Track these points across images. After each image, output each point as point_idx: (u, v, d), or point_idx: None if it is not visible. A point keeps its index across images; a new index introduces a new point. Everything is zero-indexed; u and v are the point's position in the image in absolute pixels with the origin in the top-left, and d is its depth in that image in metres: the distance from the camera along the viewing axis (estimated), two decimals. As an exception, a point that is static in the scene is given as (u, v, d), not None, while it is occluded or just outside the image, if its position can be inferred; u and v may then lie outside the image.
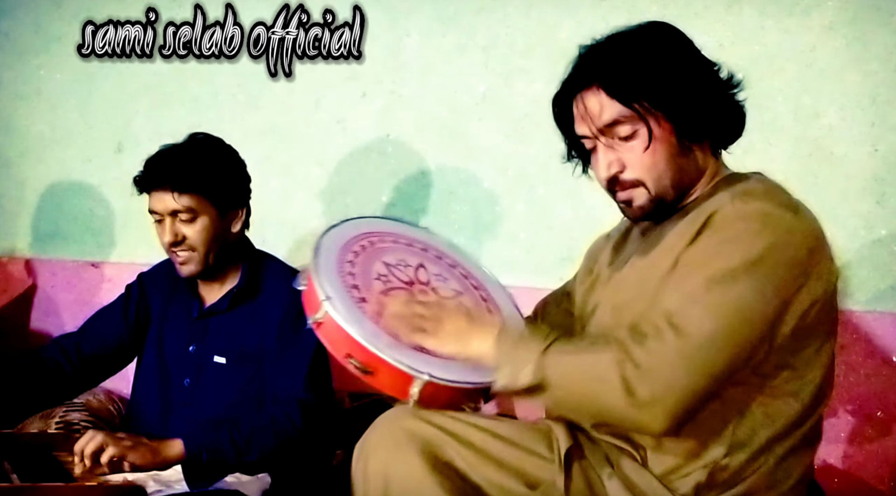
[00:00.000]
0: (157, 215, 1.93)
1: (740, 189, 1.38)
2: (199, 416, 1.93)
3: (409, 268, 1.58)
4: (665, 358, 1.26)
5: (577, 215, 2.35)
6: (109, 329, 2.07)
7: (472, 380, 1.43)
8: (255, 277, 2.00)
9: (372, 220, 1.71)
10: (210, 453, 1.78)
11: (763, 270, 1.29)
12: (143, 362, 2.08)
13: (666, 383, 1.25)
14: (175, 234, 1.92)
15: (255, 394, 1.94)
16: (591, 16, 2.28)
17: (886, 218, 2.13)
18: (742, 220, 1.32)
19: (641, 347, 1.27)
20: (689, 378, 1.26)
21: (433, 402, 1.40)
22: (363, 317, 1.43)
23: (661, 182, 1.40)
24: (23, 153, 2.98)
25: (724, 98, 1.42)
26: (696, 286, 1.29)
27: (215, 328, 2.00)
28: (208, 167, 1.93)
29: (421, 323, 1.43)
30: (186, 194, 1.89)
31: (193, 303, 2.02)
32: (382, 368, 1.39)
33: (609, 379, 1.27)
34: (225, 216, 1.96)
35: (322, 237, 1.55)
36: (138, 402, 2.08)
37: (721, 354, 1.28)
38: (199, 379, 1.98)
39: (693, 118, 1.38)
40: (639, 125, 1.37)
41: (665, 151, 1.39)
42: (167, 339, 2.04)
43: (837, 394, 2.12)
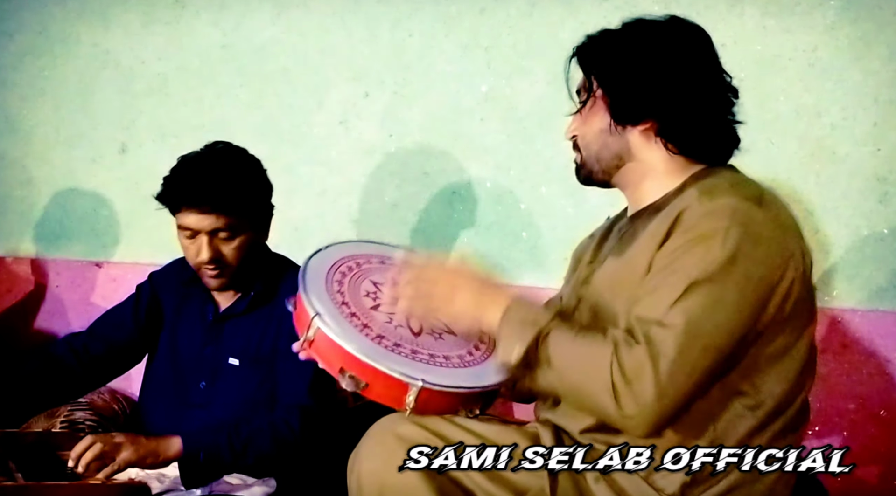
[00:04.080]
0: (190, 231, 1.88)
1: (706, 185, 1.40)
2: (213, 418, 1.92)
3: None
4: (648, 369, 1.27)
5: (580, 215, 2.35)
6: (118, 329, 2.06)
7: (467, 385, 1.43)
8: (273, 282, 1.99)
9: (357, 244, 1.73)
10: (207, 454, 1.78)
11: (738, 268, 1.30)
12: (154, 363, 2.08)
13: (649, 395, 1.27)
14: (213, 252, 1.87)
15: (267, 396, 1.94)
16: (593, 16, 2.28)
17: (889, 217, 2.13)
18: (708, 217, 1.33)
19: (629, 354, 1.28)
20: (673, 386, 1.27)
21: (429, 409, 1.41)
22: (354, 331, 1.44)
23: (588, 150, 1.51)
24: (28, 154, 2.99)
25: (680, 96, 1.42)
26: (674, 290, 1.30)
27: (231, 331, 1.99)
28: (247, 186, 1.90)
29: (430, 301, 1.45)
30: (228, 215, 1.86)
31: (208, 307, 2.01)
32: (377, 379, 1.40)
33: (600, 379, 1.29)
34: (259, 231, 1.96)
35: (309, 260, 1.56)
36: (148, 402, 2.08)
37: (703, 359, 1.29)
38: (215, 381, 1.98)
39: (623, 100, 1.44)
40: (587, 94, 1.48)
41: (596, 123, 1.48)
42: (181, 341, 2.04)
43: (840, 393, 2.13)
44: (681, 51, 1.44)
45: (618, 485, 1.37)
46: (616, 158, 1.48)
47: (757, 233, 1.32)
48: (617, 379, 1.28)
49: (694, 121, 1.44)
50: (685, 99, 1.43)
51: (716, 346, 1.30)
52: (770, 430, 1.38)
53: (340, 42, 2.63)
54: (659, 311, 1.30)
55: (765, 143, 2.17)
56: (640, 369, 1.27)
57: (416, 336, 1.49)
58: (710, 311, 1.29)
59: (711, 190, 1.38)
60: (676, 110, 1.43)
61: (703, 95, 1.44)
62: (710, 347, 1.29)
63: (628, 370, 1.28)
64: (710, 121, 1.45)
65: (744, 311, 1.31)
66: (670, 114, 1.44)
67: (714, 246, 1.30)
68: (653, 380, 1.27)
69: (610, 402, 1.28)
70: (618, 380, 1.28)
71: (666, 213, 1.39)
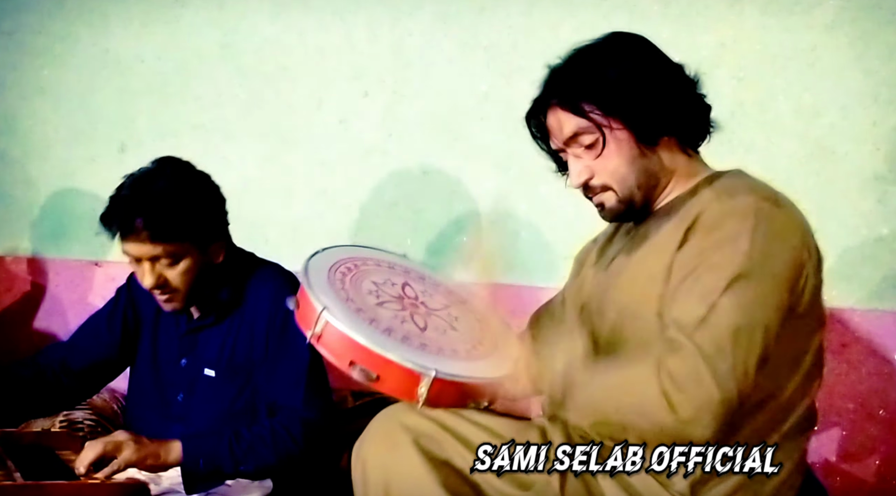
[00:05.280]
0: (131, 257, 1.83)
1: (723, 186, 1.41)
2: (192, 431, 1.88)
3: (396, 286, 1.60)
4: (705, 370, 1.25)
5: (580, 214, 2.33)
6: (96, 343, 2.02)
7: (479, 376, 1.43)
8: (240, 286, 1.94)
9: (351, 248, 1.73)
10: (208, 461, 1.77)
11: (769, 265, 1.30)
12: (136, 372, 2.05)
13: (705, 396, 1.25)
14: (157, 278, 1.82)
15: (245, 406, 1.91)
16: (592, 15, 2.28)
17: (888, 216, 2.13)
18: (732, 216, 1.33)
19: (678, 361, 1.27)
20: (725, 385, 1.25)
21: (440, 401, 1.40)
22: (363, 323, 1.44)
23: (626, 184, 1.45)
24: (27, 153, 2.99)
25: (682, 97, 1.44)
26: (713, 290, 1.29)
27: (204, 341, 1.95)
28: (188, 210, 1.80)
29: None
30: (166, 243, 1.78)
31: (181, 318, 1.97)
32: (389, 370, 1.39)
33: (650, 396, 1.27)
34: (207, 252, 1.87)
35: (309, 261, 1.56)
36: (133, 411, 2.06)
37: (749, 355, 1.28)
38: (192, 394, 1.95)
39: (647, 121, 1.41)
40: (598, 133, 1.42)
41: (626, 155, 1.44)
42: (161, 351, 2.00)
43: (839, 393, 2.13)
44: (658, 57, 1.46)
45: (626, 481, 1.36)
46: (654, 179, 1.46)
47: (779, 231, 1.33)
48: (669, 387, 1.26)
49: (700, 116, 1.47)
50: (687, 99, 1.45)
51: (762, 342, 1.29)
52: (777, 433, 1.38)
53: (340, 41, 2.62)
54: (700, 312, 1.29)
55: (764, 143, 2.17)
56: (695, 373, 1.25)
57: (423, 331, 1.49)
58: (753, 306, 1.29)
59: (729, 190, 1.38)
60: (687, 112, 1.45)
61: (695, 90, 1.46)
62: (757, 342, 1.28)
63: (679, 376, 1.25)
64: (708, 110, 1.47)
65: (780, 308, 1.32)
66: (684, 117, 1.45)
67: (743, 244, 1.30)
68: (713, 381, 1.25)
69: (664, 412, 1.26)
70: (669, 388, 1.26)
71: (681, 215, 1.40)
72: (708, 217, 1.35)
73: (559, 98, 1.45)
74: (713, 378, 1.25)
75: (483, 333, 1.54)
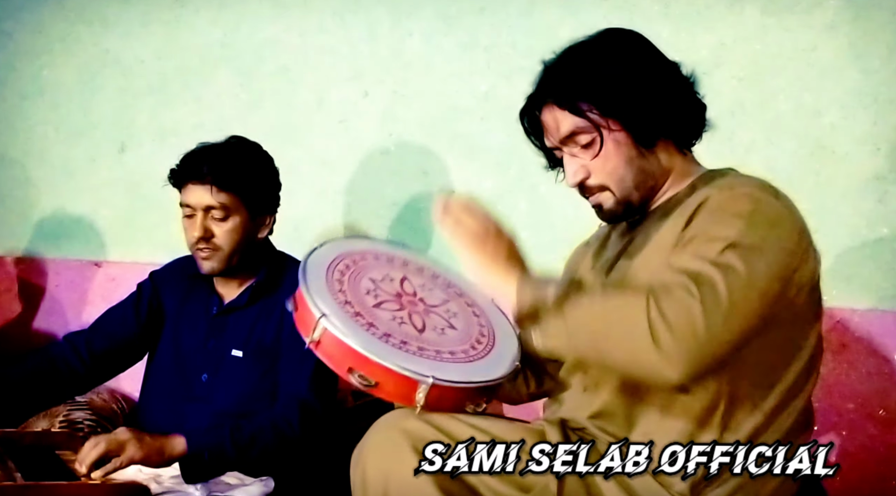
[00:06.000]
0: (189, 209, 1.96)
1: (721, 182, 1.42)
2: (214, 410, 1.94)
3: (395, 282, 1.59)
4: (690, 310, 1.23)
5: (579, 214, 2.33)
6: (120, 326, 2.08)
7: (476, 380, 1.43)
8: (276, 274, 2.02)
9: (349, 241, 1.74)
10: (212, 453, 1.79)
11: (769, 245, 1.30)
12: (155, 360, 2.10)
13: (689, 334, 1.23)
14: (205, 230, 1.94)
15: (269, 388, 1.96)
16: (592, 15, 2.28)
17: (888, 216, 2.13)
18: (734, 200, 1.34)
19: (669, 297, 1.25)
20: (710, 332, 1.24)
21: (439, 406, 1.40)
22: (360, 329, 1.44)
23: (623, 185, 1.45)
24: (27, 153, 2.99)
25: (680, 98, 1.44)
26: (713, 249, 1.29)
27: (234, 323, 2.02)
28: (248, 168, 1.97)
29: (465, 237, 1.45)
30: (224, 191, 1.92)
31: (212, 300, 2.05)
32: (386, 378, 1.40)
33: (636, 321, 1.24)
34: (255, 219, 1.99)
35: (306, 260, 1.55)
36: (150, 399, 2.09)
37: (737, 317, 1.26)
38: (217, 373, 2.00)
39: (645, 121, 1.41)
40: (595, 133, 1.42)
41: (623, 155, 1.43)
42: (184, 337, 2.06)
43: (839, 393, 2.13)
44: (654, 55, 1.45)
45: (626, 482, 1.36)
46: (651, 179, 1.46)
47: (780, 218, 1.34)
48: (657, 321, 1.23)
49: (697, 116, 1.47)
50: (685, 100, 1.45)
51: (747, 311, 1.27)
52: (775, 431, 1.38)
53: (340, 41, 2.63)
54: (702, 265, 1.27)
55: (764, 143, 2.17)
56: (686, 310, 1.23)
57: (421, 332, 1.50)
58: (749, 272, 1.27)
59: (729, 184, 1.39)
60: (685, 113, 1.45)
61: (693, 89, 1.46)
62: (743, 309, 1.26)
63: (670, 313, 1.23)
64: (704, 110, 1.47)
65: (778, 278, 1.31)
66: (682, 119, 1.45)
67: (744, 222, 1.31)
68: (705, 328, 1.23)
69: (645, 342, 1.23)
70: (657, 322, 1.23)
71: (680, 211, 1.41)
72: (710, 203, 1.36)
73: (556, 96, 1.44)
74: (705, 325, 1.23)
75: (481, 329, 1.55)
